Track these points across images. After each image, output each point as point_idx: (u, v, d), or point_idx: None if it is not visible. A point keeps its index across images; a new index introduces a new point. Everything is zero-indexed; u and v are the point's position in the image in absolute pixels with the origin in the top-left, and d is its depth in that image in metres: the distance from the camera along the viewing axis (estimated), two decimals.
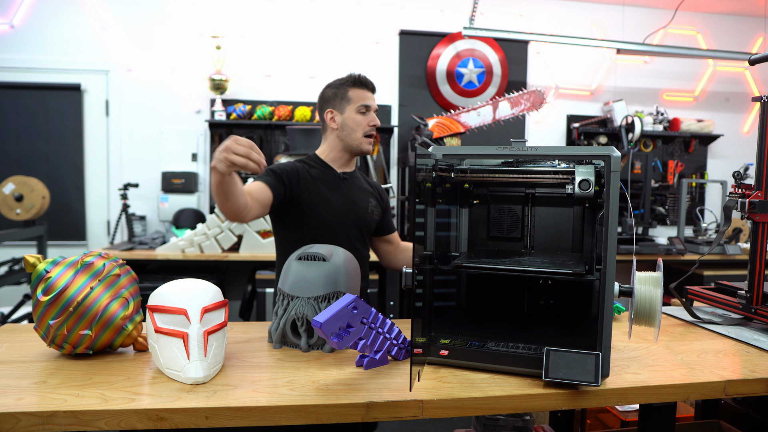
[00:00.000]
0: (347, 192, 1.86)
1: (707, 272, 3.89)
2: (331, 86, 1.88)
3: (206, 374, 1.13)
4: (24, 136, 4.24)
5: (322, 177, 1.84)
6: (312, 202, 1.79)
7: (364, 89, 1.84)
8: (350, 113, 1.82)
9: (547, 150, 1.21)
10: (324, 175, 1.84)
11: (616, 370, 1.23)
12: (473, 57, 4.57)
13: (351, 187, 1.89)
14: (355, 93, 1.82)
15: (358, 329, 1.18)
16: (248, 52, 4.41)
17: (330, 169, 1.87)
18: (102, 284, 1.25)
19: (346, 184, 1.87)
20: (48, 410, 0.98)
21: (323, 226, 1.79)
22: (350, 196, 1.86)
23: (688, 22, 4.98)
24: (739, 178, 1.63)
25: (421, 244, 1.22)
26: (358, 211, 1.86)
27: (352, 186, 1.89)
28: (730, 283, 1.81)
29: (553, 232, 1.49)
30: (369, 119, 1.83)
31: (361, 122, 1.82)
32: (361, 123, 1.82)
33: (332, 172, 1.86)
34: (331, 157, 1.88)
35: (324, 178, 1.84)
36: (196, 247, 3.60)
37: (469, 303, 1.54)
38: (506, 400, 1.10)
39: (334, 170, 1.87)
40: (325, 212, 1.80)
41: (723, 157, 5.12)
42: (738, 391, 1.20)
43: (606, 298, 1.13)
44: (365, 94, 1.83)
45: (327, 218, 1.80)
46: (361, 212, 1.87)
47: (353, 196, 1.87)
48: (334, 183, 1.85)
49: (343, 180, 1.87)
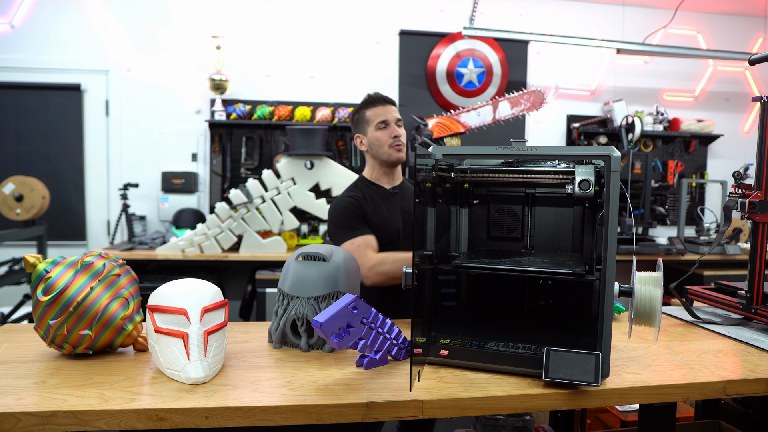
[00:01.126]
0: (400, 204, 1.94)
1: (707, 272, 3.88)
2: (353, 113, 1.99)
3: (206, 374, 1.13)
4: (24, 136, 4.24)
5: (375, 197, 1.93)
6: (373, 222, 1.88)
7: (378, 106, 1.92)
8: (372, 132, 1.91)
9: (547, 150, 1.21)
10: (376, 195, 1.93)
11: (616, 370, 1.23)
12: (473, 57, 4.57)
13: (403, 199, 1.96)
14: (372, 112, 1.92)
15: (358, 329, 1.18)
16: (248, 52, 4.41)
17: (379, 187, 1.96)
18: (102, 284, 1.25)
19: (398, 198, 1.95)
20: (48, 410, 0.98)
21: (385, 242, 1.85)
22: (404, 207, 1.94)
23: (688, 22, 4.98)
24: (739, 178, 1.63)
25: (421, 244, 1.22)
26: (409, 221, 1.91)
27: (404, 197, 1.97)
28: (730, 283, 1.81)
29: (553, 232, 1.49)
30: (390, 132, 1.90)
31: (382, 138, 1.90)
32: (382, 138, 1.90)
33: (382, 190, 1.95)
34: (375, 175, 1.98)
35: (377, 197, 1.93)
36: (196, 247, 3.61)
37: (469, 303, 1.54)
38: (506, 400, 1.10)
39: (383, 188, 1.96)
40: (384, 229, 1.88)
41: (723, 157, 5.11)
42: (738, 391, 1.20)
43: (606, 298, 1.13)
44: (380, 110, 1.91)
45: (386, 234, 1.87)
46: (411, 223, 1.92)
47: (407, 207, 1.95)
48: (386, 199, 1.94)
49: (394, 194, 1.95)
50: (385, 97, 1.95)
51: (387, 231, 1.87)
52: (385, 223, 1.88)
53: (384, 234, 1.86)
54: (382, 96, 1.94)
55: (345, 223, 1.85)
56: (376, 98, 1.94)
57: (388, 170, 1.96)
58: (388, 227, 1.88)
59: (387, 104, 1.93)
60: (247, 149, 4.39)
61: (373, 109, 1.92)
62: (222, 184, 4.37)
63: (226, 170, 4.37)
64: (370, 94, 1.96)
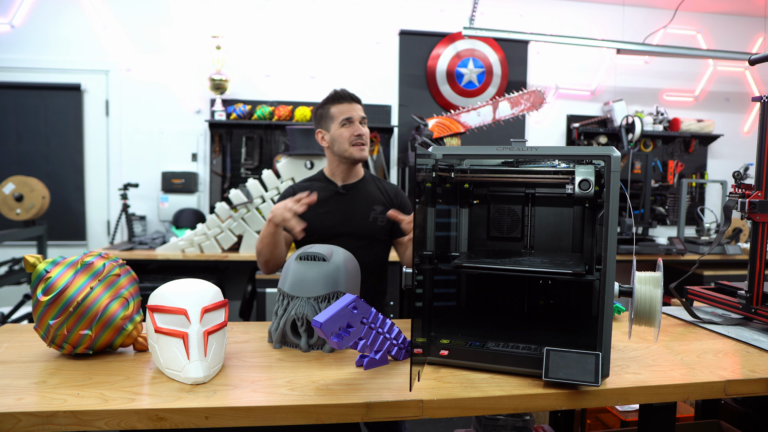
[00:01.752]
0: (346, 204, 1.92)
1: (707, 272, 3.88)
2: (317, 107, 1.97)
3: (206, 374, 1.13)
4: (24, 136, 4.23)
5: (320, 191, 1.93)
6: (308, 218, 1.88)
7: (344, 103, 1.91)
8: (335, 129, 1.91)
9: (547, 150, 1.21)
10: (323, 191, 1.94)
11: (616, 370, 1.23)
12: (473, 57, 4.57)
13: (351, 199, 1.95)
14: (336, 109, 1.91)
15: (358, 329, 1.18)
16: (248, 52, 4.40)
17: (332, 183, 1.97)
18: (102, 284, 1.25)
19: (346, 197, 1.95)
20: (48, 410, 0.98)
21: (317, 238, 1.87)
22: (348, 207, 1.93)
23: (688, 22, 4.97)
24: (739, 178, 1.63)
25: (421, 244, 1.22)
26: (354, 221, 1.91)
27: (354, 197, 1.96)
28: (730, 283, 1.81)
29: (553, 232, 1.49)
30: (353, 130, 1.89)
31: (345, 135, 1.89)
32: (345, 135, 1.89)
33: (332, 187, 1.96)
34: (332, 171, 1.99)
35: (322, 193, 1.93)
36: (196, 247, 3.60)
37: (469, 303, 1.54)
38: (506, 400, 1.10)
39: (335, 184, 1.96)
40: (318, 226, 1.89)
41: (723, 157, 5.11)
42: (738, 391, 1.20)
43: (606, 298, 1.13)
44: (345, 107, 1.91)
45: (319, 231, 1.89)
46: (357, 221, 1.92)
47: (352, 207, 1.93)
48: (331, 197, 1.94)
49: (342, 194, 1.95)
50: (352, 95, 1.94)
51: (320, 227, 1.88)
52: (320, 219, 1.89)
53: (316, 230, 1.87)
54: (348, 93, 1.93)
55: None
56: (342, 95, 1.93)
57: (345, 168, 1.96)
58: (322, 224, 1.89)
59: (353, 102, 1.92)
60: (247, 149, 4.39)
61: (338, 105, 1.91)
62: (222, 184, 4.37)
63: (226, 170, 4.37)
64: (336, 90, 1.95)
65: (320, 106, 1.96)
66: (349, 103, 1.92)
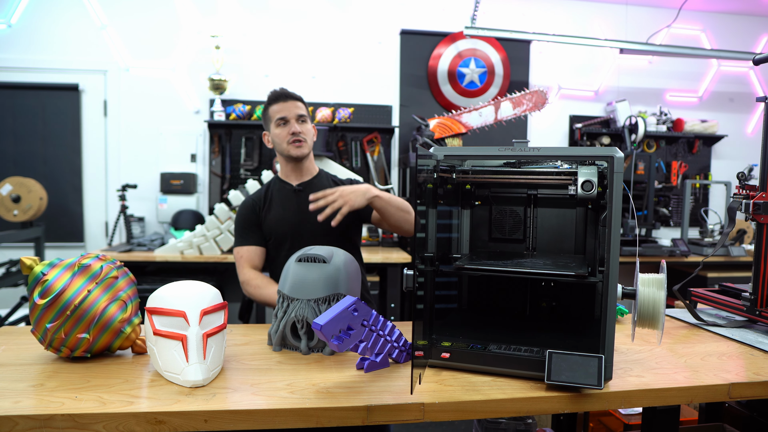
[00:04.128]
0: (303, 201, 1.88)
1: (711, 274, 3.86)
2: (263, 110, 2.00)
3: (205, 377, 1.12)
4: (21, 137, 4.20)
5: (278, 195, 1.96)
6: (269, 221, 1.92)
7: (279, 102, 1.93)
8: (273, 129, 1.94)
9: (549, 151, 1.20)
10: (280, 192, 1.96)
11: (619, 373, 1.22)
12: (475, 57, 4.56)
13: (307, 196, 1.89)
14: (273, 109, 1.94)
15: (358, 332, 1.17)
16: (248, 52, 4.38)
17: (286, 184, 1.99)
18: (100, 287, 1.24)
19: (302, 195, 1.93)
20: (45, 413, 0.97)
21: (280, 239, 1.89)
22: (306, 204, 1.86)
23: (692, 22, 4.95)
24: (743, 179, 1.62)
25: (422, 245, 1.22)
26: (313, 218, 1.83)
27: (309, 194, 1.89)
28: (734, 285, 1.79)
29: (555, 234, 1.48)
30: (288, 128, 1.91)
31: (281, 134, 1.92)
32: (281, 135, 1.92)
33: (288, 187, 1.98)
34: (284, 172, 2.01)
35: (280, 195, 1.96)
36: (195, 249, 3.58)
37: (470, 305, 1.53)
38: (508, 403, 1.09)
39: (290, 185, 1.98)
40: (279, 227, 1.91)
41: (727, 157, 5.09)
42: (742, 394, 1.19)
43: (609, 301, 1.12)
44: (281, 106, 1.92)
45: (282, 231, 1.90)
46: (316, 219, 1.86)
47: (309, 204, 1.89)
48: (288, 197, 1.96)
49: (298, 192, 1.96)
50: (288, 93, 1.94)
51: (280, 229, 1.90)
52: (280, 221, 1.91)
53: (278, 232, 1.90)
54: (285, 92, 1.94)
55: (238, 229, 1.96)
56: (279, 94, 1.93)
57: (294, 166, 1.97)
58: (282, 225, 1.91)
59: (289, 100, 1.92)
60: (246, 150, 4.37)
61: (274, 106, 1.93)
62: (221, 185, 4.35)
63: (225, 171, 4.35)
64: (275, 90, 1.96)
65: (263, 108, 2.00)
66: (284, 101, 1.92)
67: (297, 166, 1.97)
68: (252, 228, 1.94)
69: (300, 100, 1.97)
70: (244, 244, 1.93)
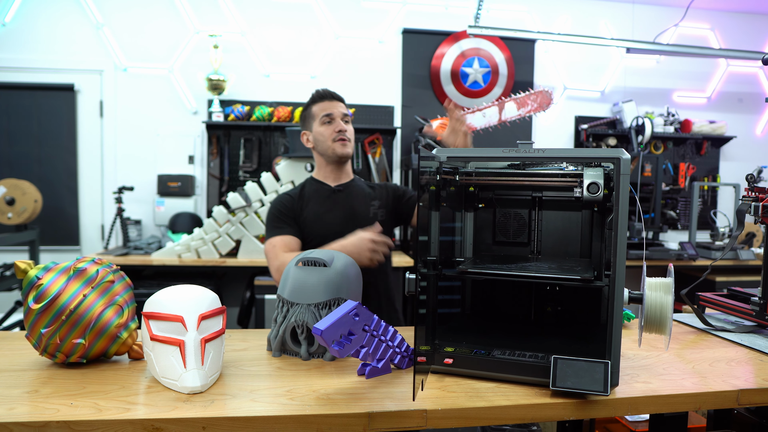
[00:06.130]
0: (344, 203, 1.91)
1: (719, 278, 3.83)
2: (302, 110, 2.00)
3: (203, 383, 1.11)
4: (15, 138, 4.18)
5: (315, 195, 1.93)
6: (307, 218, 1.89)
7: (324, 101, 1.93)
8: (317, 127, 1.92)
9: (554, 152, 1.18)
10: (317, 193, 1.93)
11: (625, 379, 1.20)
12: (478, 56, 4.54)
13: (348, 197, 1.93)
14: (317, 107, 1.93)
15: (359, 337, 1.16)
16: (247, 51, 4.37)
17: (323, 185, 1.96)
18: (96, 291, 1.23)
19: (342, 196, 1.93)
20: (40, 420, 0.96)
21: (320, 241, 1.84)
22: (348, 205, 1.91)
23: (700, 20, 4.91)
24: (752, 181, 1.60)
25: (425, 249, 1.20)
26: (357, 219, 1.89)
27: (350, 195, 1.94)
28: (743, 290, 1.78)
29: (560, 237, 1.47)
30: (334, 126, 1.89)
31: (326, 132, 1.90)
32: (326, 133, 1.90)
33: (326, 187, 1.95)
34: (322, 174, 1.98)
35: (317, 195, 1.93)
36: (192, 252, 3.56)
37: (474, 310, 1.52)
38: (512, 410, 1.08)
39: (328, 185, 1.95)
40: (319, 228, 1.87)
41: (736, 159, 5.04)
42: (751, 401, 1.17)
43: (615, 305, 1.11)
44: (326, 105, 1.92)
45: (322, 233, 1.86)
46: (361, 219, 1.89)
47: (351, 205, 1.92)
48: (328, 197, 1.93)
49: (337, 192, 1.94)
50: (333, 93, 1.95)
51: (323, 229, 1.87)
52: (321, 221, 1.88)
53: (320, 232, 1.86)
54: (329, 92, 1.95)
55: (272, 222, 1.90)
56: (323, 94, 1.94)
57: (334, 168, 1.95)
58: (325, 225, 1.87)
59: (334, 100, 1.93)
60: (245, 151, 4.35)
61: (319, 104, 1.93)
62: (220, 187, 4.33)
63: (223, 173, 4.33)
64: (318, 90, 1.97)
65: (304, 108, 1.98)
66: (330, 101, 1.93)
67: (337, 167, 1.95)
68: (287, 220, 1.89)
69: (343, 101, 1.97)
70: (277, 234, 1.85)
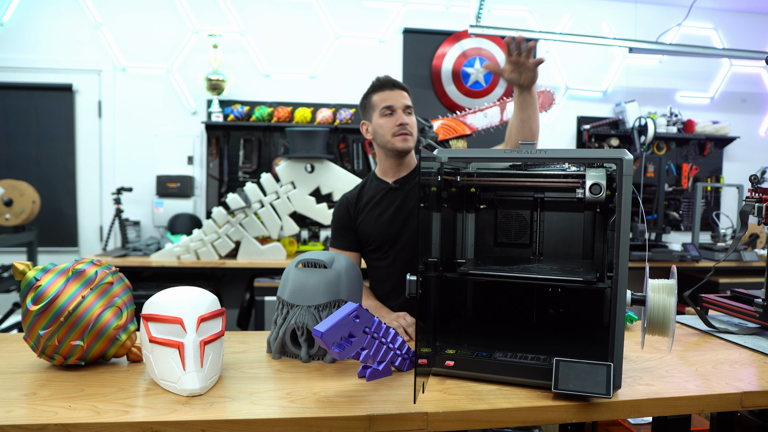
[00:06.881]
0: (400, 201, 1.81)
1: (723, 280, 3.82)
2: (362, 98, 1.87)
3: (203, 386, 1.11)
4: (13, 139, 4.15)
5: (371, 195, 1.85)
6: (364, 226, 1.82)
7: (386, 90, 1.80)
8: (376, 119, 1.80)
9: (556, 153, 1.18)
10: (374, 192, 1.85)
11: (628, 382, 1.19)
12: (480, 56, 4.53)
13: (403, 194, 1.82)
14: (378, 97, 1.80)
15: (360, 339, 1.16)
16: (246, 51, 4.35)
17: (382, 182, 1.86)
18: (94, 293, 1.22)
19: (397, 194, 1.82)
20: (38, 423, 0.96)
21: (375, 242, 1.80)
22: (401, 203, 1.81)
23: (703, 20, 4.89)
24: (756, 182, 1.59)
25: (426, 250, 1.19)
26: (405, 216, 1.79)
27: (405, 191, 1.83)
28: (747, 291, 1.78)
29: (562, 238, 1.46)
30: (395, 119, 1.77)
31: (386, 125, 1.78)
32: (386, 126, 1.78)
33: (383, 185, 1.84)
34: (382, 169, 1.87)
35: (373, 194, 1.84)
36: (192, 254, 3.55)
37: (475, 311, 1.51)
38: (514, 412, 1.08)
39: (386, 182, 1.85)
40: (373, 231, 1.81)
41: (739, 160, 5.02)
42: (755, 404, 1.17)
43: (618, 307, 1.10)
44: (387, 95, 1.79)
45: (380, 236, 1.80)
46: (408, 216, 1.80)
47: (404, 202, 1.81)
48: (383, 196, 1.83)
49: (393, 190, 1.83)
50: (395, 81, 1.81)
51: (379, 233, 1.80)
52: (378, 225, 1.80)
53: (376, 237, 1.80)
54: (391, 80, 1.81)
55: (334, 228, 1.91)
56: (385, 82, 1.81)
57: (394, 162, 1.83)
58: (381, 229, 1.80)
59: (396, 89, 1.80)
60: (245, 152, 4.34)
61: (380, 93, 1.79)
62: (219, 188, 4.32)
63: (223, 174, 4.32)
64: (379, 77, 1.83)
65: (364, 96, 1.85)
66: (391, 90, 1.79)
67: (397, 161, 1.82)
68: (344, 232, 1.86)
69: (406, 90, 1.83)
70: (337, 247, 1.87)
